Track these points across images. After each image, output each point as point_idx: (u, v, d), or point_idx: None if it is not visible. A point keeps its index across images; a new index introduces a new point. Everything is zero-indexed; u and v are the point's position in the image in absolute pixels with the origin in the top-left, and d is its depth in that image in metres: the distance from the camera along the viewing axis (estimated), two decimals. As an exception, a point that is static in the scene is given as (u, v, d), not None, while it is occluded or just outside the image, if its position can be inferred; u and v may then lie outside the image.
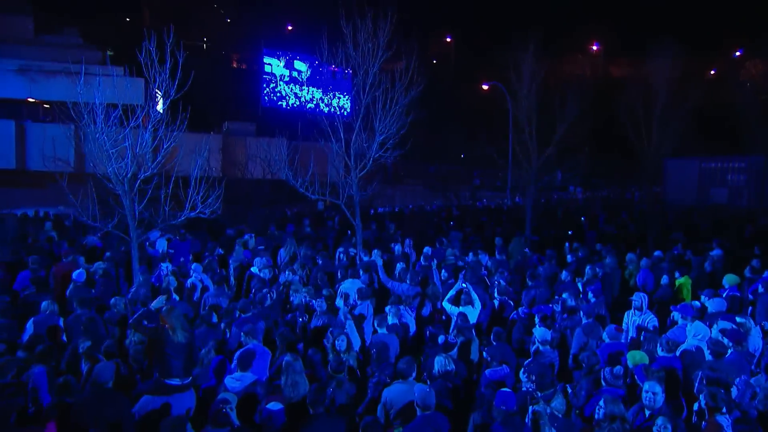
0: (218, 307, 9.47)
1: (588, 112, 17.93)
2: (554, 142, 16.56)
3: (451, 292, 9.48)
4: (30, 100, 33.80)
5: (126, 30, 49.30)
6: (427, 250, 13.06)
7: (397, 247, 13.26)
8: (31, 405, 6.57)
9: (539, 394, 5.92)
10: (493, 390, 6.27)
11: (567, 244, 14.53)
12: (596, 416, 5.61)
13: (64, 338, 8.88)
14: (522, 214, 19.69)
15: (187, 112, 11.51)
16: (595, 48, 68.11)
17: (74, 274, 10.55)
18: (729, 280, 10.72)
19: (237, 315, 8.88)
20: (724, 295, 10.14)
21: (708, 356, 7.09)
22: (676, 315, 8.56)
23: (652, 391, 5.82)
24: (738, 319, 8.16)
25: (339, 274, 11.76)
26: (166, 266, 11.83)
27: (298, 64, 44.68)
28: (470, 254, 12.71)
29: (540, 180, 17.69)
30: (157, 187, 11.16)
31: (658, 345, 7.37)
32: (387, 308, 8.99)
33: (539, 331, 7.84)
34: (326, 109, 39.67)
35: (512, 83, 17.57)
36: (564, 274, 11.53)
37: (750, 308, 10.59)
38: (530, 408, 5.80)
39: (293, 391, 6.40)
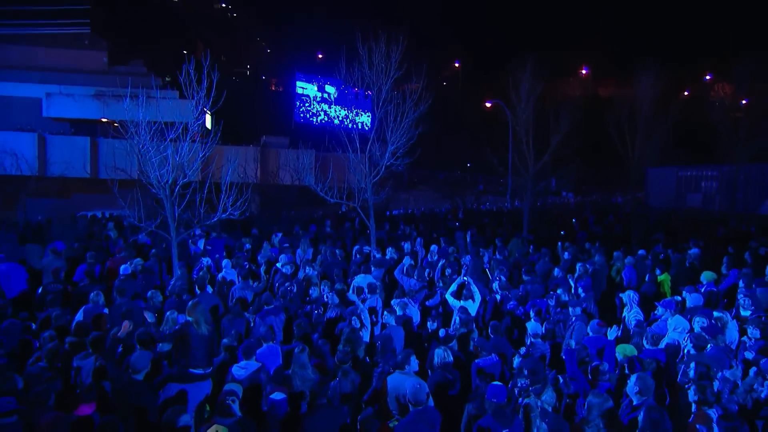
0: (244, 299, 9.01)
1: (579, 126, 17.32)
2: (549, 151, 15.93)
3: (453, 286, 8.92)
4: (103, 120, 34.10)
5: (182, 60, 49.57)
6: (433, 248, 12.55)
7: (407, 245, 12.68)
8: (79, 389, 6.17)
9: (530, 388, 5.34)
10: (485, 380, 5.74)
11: (560, 243, 13.88)
12: (584, 410, 5.05)
13: (109, 326, 8.47)
14: (520, 216, 19.20)
15: (219, 126, 11.16)
16: (584, 72, 67.06)
17: (120, 268, 10.17)
18: (706, 276, 10.10)
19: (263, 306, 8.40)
20: (702, 290, 9.56)
21: (691, 349, 6.42)
22: (660, 309, 7.90)
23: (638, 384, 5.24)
24: (716, 314, 7.55)
25: (352, 269, 11.20)
26: (206, 261, 11.45)
27: (328, 87, 44.57)
28: (468, 256, 12.02)
29: (536, 186, 17.04)
30: (194, 191, 10.82)
31: (644, 339, 6.76)
32: (393, 301, 8.47)
33: (532, 325, 7.26)
34: (350, 125, 39.36)
35: (512, 100, 17.02)
36: (557, 271, 10.94)
37: (725, 300, 9.98)
38: (521, 400, 5.25)
39: (300, 381, 5.89)
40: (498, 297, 9.36)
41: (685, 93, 53.88)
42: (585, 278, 10.20)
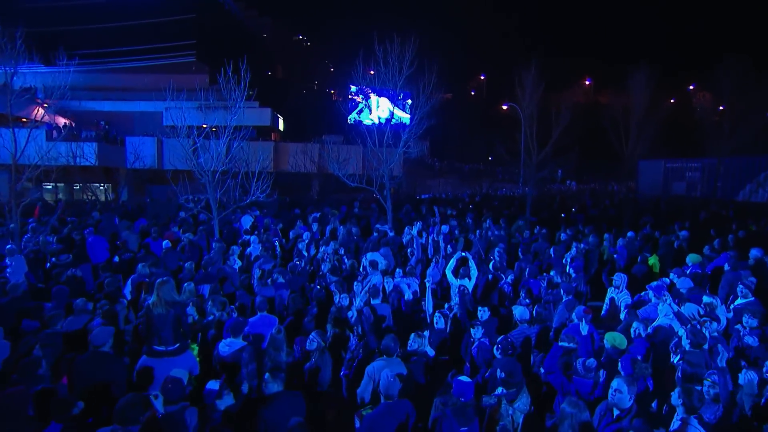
0: (263, 271, 7.63)
1: (580, 124, 15.13)
2: (551, 143, 13.76)
3: (452, 262, 7.17)
4: (203, 126, 34.66)
5: (265, 78, 49.32)
6: (444, 228, 10.81)
7: (418, 224, 10.93)
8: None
9: (504, 391, 3.68)
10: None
11: (563, 226, 11.78)
12: (557, 414, 3.38)
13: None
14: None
15: (250, 128, 10.11)
16: (587, 82, 62.15)
17: (162, 243, 9.01)
18: (692, 258, 8.03)
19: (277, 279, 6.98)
20: (688, 272, 7.57)
21: (686, 344, 4.52)
22: (650, 293, 5.93)
23: (619, 389, 3.48)
24: (705, 299, 5.60)
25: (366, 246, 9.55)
26: (246, 237, 10.14)
27: (375, 97, 43.08)
28: (477, 232, 10.21)
29: (539, 172, 14.87)
30: (233, 177, 9.62)
31: (633, 327, 4.90)
32: (386, 279, 6.88)
33: (518, 310, 5.49)
34: (393, 123, 37.79)
35: (518, 97, 14.91)
36: (552, 250, 8.98)
37: (709, 283, 7.91)
38: (493, 398, 3.62)
39: (270, 362, 4.43)
40: (490, 276, 7.55)
41: (671, 101, 49.33)
42: (578, 259, 8.30)
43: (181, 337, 4.71)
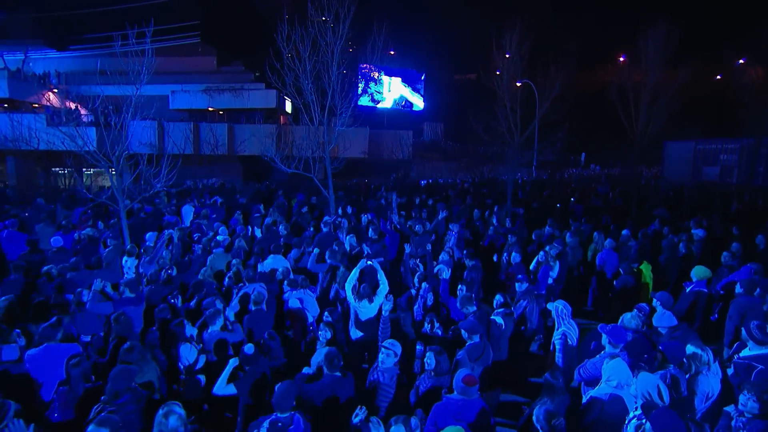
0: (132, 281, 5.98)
1: (587, 97, 12.60)
2: (538, 117, 11.47)
3: (354, 273, 5.13)
4: (210, 109, 33.76)
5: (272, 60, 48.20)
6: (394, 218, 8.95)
7: (364, 218, 9.12)
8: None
9: None
10: None
11: (550, 220, 9.55)
12: None
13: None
14: (534, 186, 15.02)
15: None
16: (622, 58, 55.95)
17: (51, 240, 7.49)
18: (698, 273, 5.74)
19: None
20: (687, 290, 5.59)
21: None
22: (604, 338, 3.80)
23: None
24: (690, 349, 3.49)
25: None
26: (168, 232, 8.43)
27: (387, 77, 40.97)
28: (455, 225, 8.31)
29: (534, 151, 12.54)
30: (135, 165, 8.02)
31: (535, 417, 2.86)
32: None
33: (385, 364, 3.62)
34: (405, 108, 35.71)
35: (495, 62, 12.48)
36: (517, 256, 6.90)
37: (720, 304, 5.72)
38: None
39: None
40: (413, 291, 5.61)
41: (696, 71, 42.83)
42: (544, 267, 6.33)
43: None
